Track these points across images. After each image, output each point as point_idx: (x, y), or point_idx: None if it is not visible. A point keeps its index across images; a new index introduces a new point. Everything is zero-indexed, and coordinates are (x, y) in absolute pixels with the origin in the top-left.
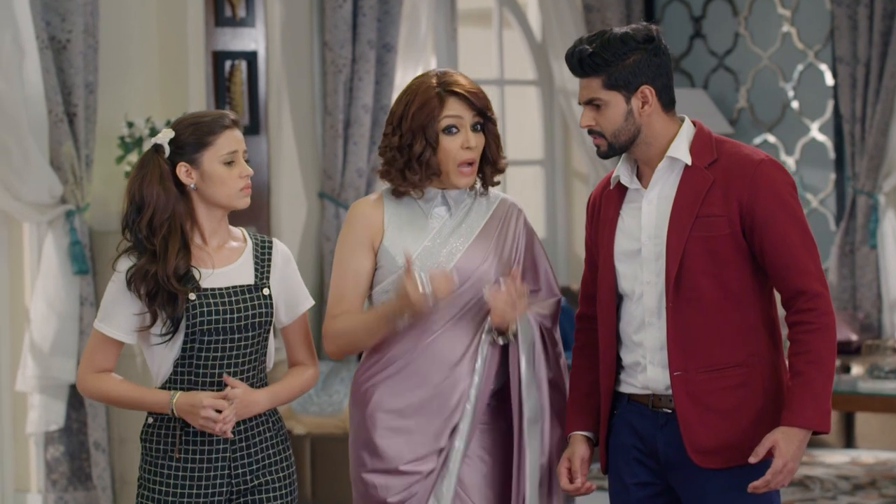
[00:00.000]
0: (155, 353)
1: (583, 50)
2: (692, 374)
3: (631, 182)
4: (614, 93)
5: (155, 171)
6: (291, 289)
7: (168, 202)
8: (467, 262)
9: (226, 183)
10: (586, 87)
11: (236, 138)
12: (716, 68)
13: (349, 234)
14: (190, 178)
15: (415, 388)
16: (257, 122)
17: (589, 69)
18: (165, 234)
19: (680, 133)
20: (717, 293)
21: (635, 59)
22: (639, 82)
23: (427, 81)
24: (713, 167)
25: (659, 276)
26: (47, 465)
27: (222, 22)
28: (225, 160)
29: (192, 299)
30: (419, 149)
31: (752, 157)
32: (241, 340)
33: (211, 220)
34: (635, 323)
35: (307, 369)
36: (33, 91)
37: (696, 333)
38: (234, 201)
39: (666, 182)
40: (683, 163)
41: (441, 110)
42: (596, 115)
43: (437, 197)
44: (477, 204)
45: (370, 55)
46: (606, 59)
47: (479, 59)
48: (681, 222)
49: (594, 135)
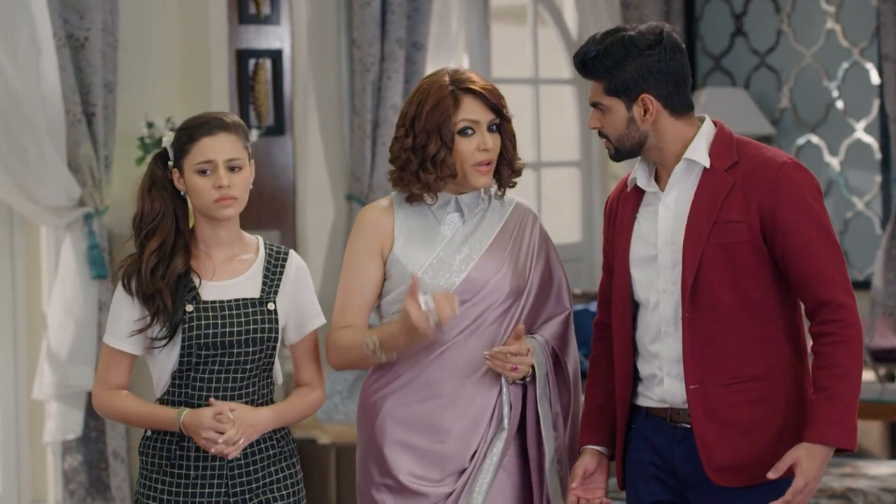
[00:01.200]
0: (156, 362)
1: (586, 52)
2: (709, 388)
3: (648, 185)
4: (615, 99)
5: (147, 178)
6: (302, 305)
7: (154, 209)
8: (481, 272)
9: (199, 194)
10: (592, 88)
11: (214, 147)
12: (757, 67)
13: (358, 241)
14: (180, 184)
15: (425, 400)
16: (282, 123)
17: (590, 73)
18: (149, 232)
19: (698, 134)
20: (736, 303)
21: (636, 66)
22: (639, 91)
23: (439, 80)
24: (733, 170)
25: (675, 284)
26: (65, 475)
27: (246, 19)
28: (198, 170)
29: (190, 311)
30: (434, 149)
31: (775, 160)
32: (241, 356)
33: (207, 227)
34: (651, 333)
35: (312, 391)
36: (50, 90)
37: (714, 345)
38: (212, 212)
39: (684, 185)
40: (702, 165)
41: (456, 110)
42: (601, 117)
43: (450, 202)
44: (491, 209)
45: (399, 54)
46: (607, 65)
47: (512, 57)
48: (698, 228)
49: (602, 137)
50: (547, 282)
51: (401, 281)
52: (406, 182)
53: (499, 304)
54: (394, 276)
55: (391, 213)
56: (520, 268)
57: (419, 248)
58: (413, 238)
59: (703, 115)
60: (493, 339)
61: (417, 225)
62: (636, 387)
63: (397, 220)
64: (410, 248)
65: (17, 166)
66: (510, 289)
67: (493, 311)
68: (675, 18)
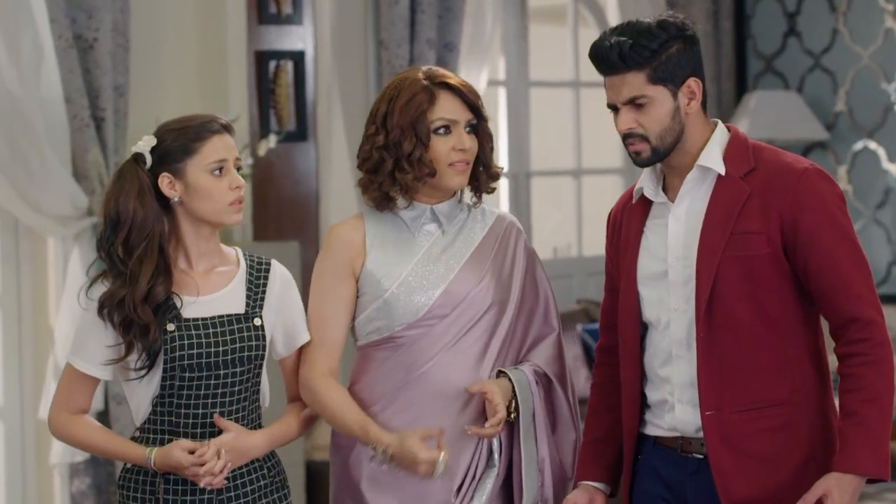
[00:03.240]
0: (133, 390)
1: (622, 42)
2: (726, 414)
3: (656, 195)
4: (660, 87)
5: (133, 184)
6: (290, 318)
7: (147, 219)
8: (460, 285)
9: (213, 196)
10: (627, 83)
11: (226, 145)
12: (811, 69)
13: (325, 263)
14: (173, 190)
15: (408, 424)
16: (305, 128)
17: (632, 62)
18: (141, 255)
19: (712, 139)
20: (755, 321)
21: (678, 48)
22: (685, 74)
23: (412, 76)
24: (750, 177)
25: (688, 301)
26: (72, 498)
27: (266, 19)
28: (212, 169)
29: (171, 330)
30: (409, 147)
31: (795, 166)
32: (227, 377)
33: (198, 239)
34: (661, 356)
35: (306, 407)
36: (52, 94)
37: (731, 367)
38: (223, 217)
39: (696, 195)
40: (716, 172)
41: (431, 106)
42: (638, 115)
43: (425, 213)
44: (471, 220)
45: (430, 55)
46: (652, 49)
47: (552, 59)
48: (713, 240)
49: (634, 139)
50: (533, 297)
51: (374, 297)
52: (379, 185)
53: (480, 318)
54: (367, 293)
55: (361, 226)
56: (503, 280)
57: (394, 260)
58: (387, 250)
59: (716, 120)
60: (475, 358)
61: (392, 236)
62: (643, 414)
63: (369, 232)
64: (384, 261)
65: (19, 173)
66: (492, 300)
67: (475, 328)
68: (724, 18)
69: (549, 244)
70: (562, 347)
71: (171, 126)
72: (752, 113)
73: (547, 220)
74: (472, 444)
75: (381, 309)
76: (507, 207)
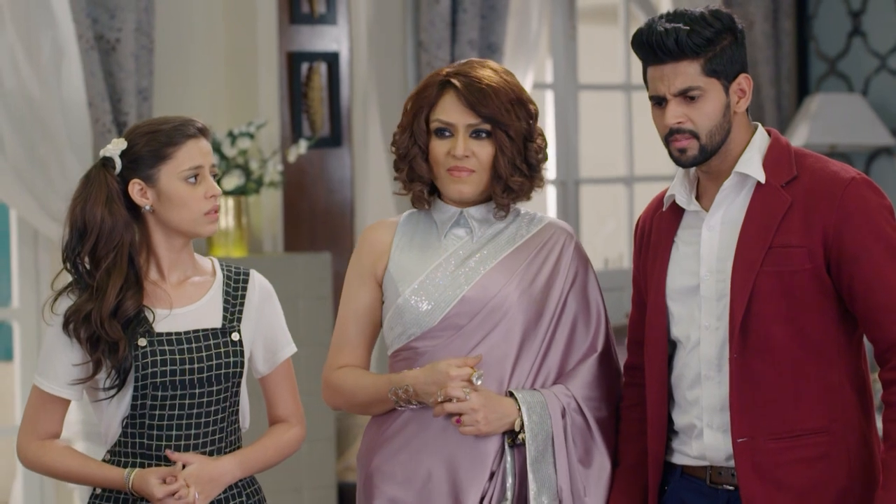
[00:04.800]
0: (102, 411)
1: (678, 28)
2: (760, 442)
3: (689, 203)
4: (714, 81)
5: (101, 190)
6: (271, 332)
7: (115, 227)
8: (481, 292)
9: (187, 205)
10: (680, 73)
11: (202, 151)
12: (877, 70)
13: (352, 265)
14: (145, 198)
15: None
16: (339, 133)
17: (688, 50)
18: (109, 267)
19: (752, 143)
20: (794, 343)
21: (730, 40)
22: (736, 69)
23: (441, 70)
24: (792, 186)
25: (721, 319)
26: None
27: (299, 19)
28: (186, 177)
29: (143, 346)
30: (403, 144)
31: (840, 175)
32: (203, 396)
33: (170, 249)
34: (690, 377)
35: (289, 429)
36: (73, 97)
37: (766, 392)
38: (198, 227)
39: (732, 203)
40: (755, 180)
41: (435, 105)
42: (689, 109)
43: (455, 216)
44: (514, 225)
45: (471, 56)
46: (709, 37)
47: (602, 61)
48: (750, 253)
49: (682, 135)
50: (578, 310)
51: (391, 302)
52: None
53: (505, 331)
54: (388, 297)
55: (393, 227)
56: (536, 290)
57: (414, 263)
58: (411, 253)
59: (756, 123)
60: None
61: (419, 239)
62: (670, 441)
63: (398, 234)
64: (405, 263)
65: (37, 181)
66: (517, 311)
67: (500, 342)
68: (784, 17)
69: (600, 255)
70: (605, 369)
71: (143, 129)
72: (813, 117)
73: (597, 229)
74: (484, 474)
75: (395, 316)
76: (554, 216)
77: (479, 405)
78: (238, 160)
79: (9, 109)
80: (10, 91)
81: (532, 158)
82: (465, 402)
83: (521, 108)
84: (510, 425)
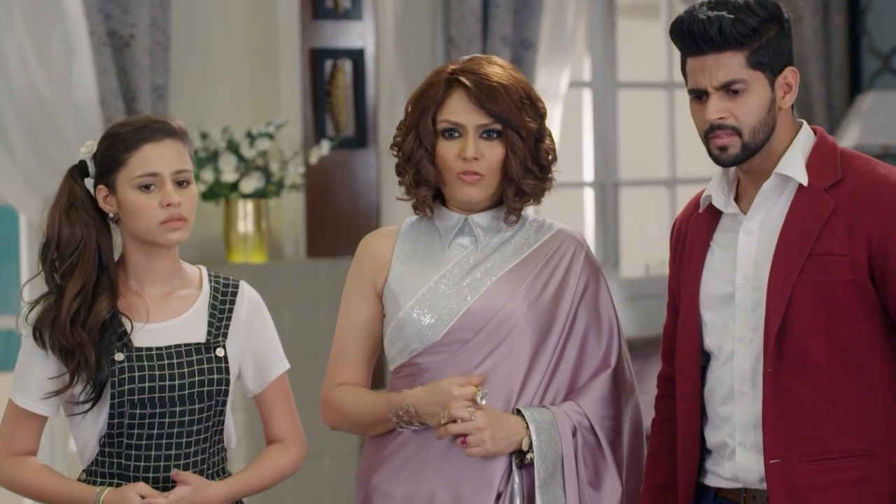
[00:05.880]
0: (77, 427)
1: (722, 16)
2: (795, 464)
3: (727, 205)
4: (759, 74)
5: (62, 196)
6: (260, 347)
7: (73, 235)
8: (486, 304)
9: (141, 214)
10: (723, 65)
11: (160, 156)
12: None
13: (350, 277)
14: (109, 205)
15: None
16: (364, 133)
17: (733, 40)
18: (67, 270)
19: (795, 143)
20: (833, 358)
21: (776, 31)
22: (782, 62)
23: (446, 67)
24: (836, 190)
25: (756, 331)
26: None
27: (322, 14)
28: (138, 184)
29: (120, 360)
30: (409, 146)
31: (889, 179)
32: (185, 415)
33: (146, 258)
34: (722, 391)
35: (286, 451)
36: (85, 96)
37: (803, 410)
38: (156, 237)
39: (773, 206)
40: (797, 182)
41: (442, 105)
42: (731, 104)
43: (459, 223)
44: (522, 233)
45: (504, 54)
46: (754, 26)
47: (642, 58)
48: (788, 261)
49: (723, 131)
50: (589, 322)
51: (392, 316)
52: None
53: (513, 346)
54: (388, 311)
55: (394, 237)
56: (544, 302)
57: (416, 275)
58: (412, 264)
59: (801, 120)
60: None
61: (422, 249)
62: (703, 461)
63: (399, 244)
64: (406, 276)
65: (46, 183)
66: (525, 325)
67: (507, 357)
68: (835, 11)
69: (641, 261)
70: (619, 386)
71: (109, 130)
72: (865, 116)
73: (638, 234)
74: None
75: (396, 330)
76: (592, 220)
77: (484, 424)
78: (258, 162)
79: (17, 109)
80: (19, 90)
81: (543, 160)
82: (470, 422)
83: (531, 107)
84: (518, 444)
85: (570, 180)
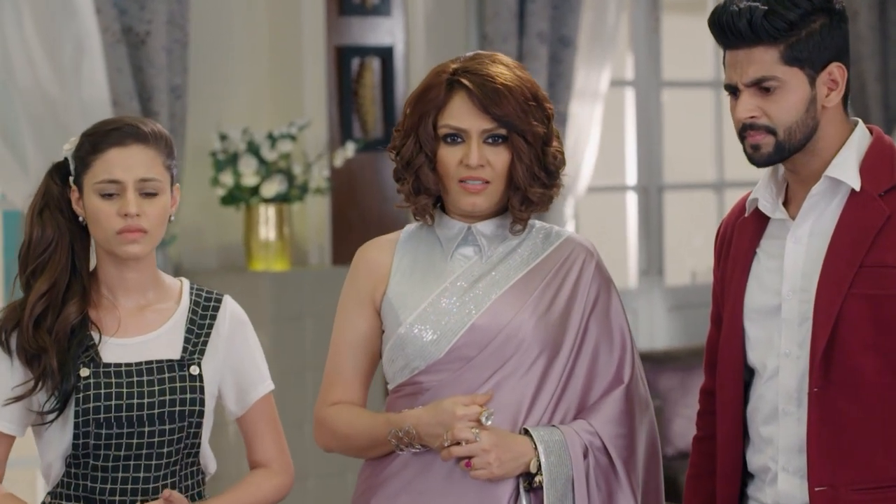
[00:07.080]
0: (44, 444)
1: (754, 8)
2: (842, 492)
3: (774, 209)
4: (796, 70)
5: (38, 196)
6: (241, 366)
7: (45, 235)
8: (492, 319)
9: (98, 221)
10: (755, 60)
11: (125, 162)
12: None
13: (347, 290)
14: (80, 207)
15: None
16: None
17: (764, 34)
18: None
19: (848, 143)
20: (884, 378)
21: (822, 24)
22: (827, 57)
23: (446, 66)
24: (892, 196)
25: (803, 347)
26: None
27: (349, 10)
28: (99, 190)
29: (85, 376)
30: (408, 152)
31: None
32: (154, 436)
33: (115, 268)
34: (765, 410)
35: (272, 477)
36: (96, 95)
37: (851, 433)
38: (113, 247)
39: (823, 212)
40: (849, 187)
41: (443, 108)
42: (763, 101)
43: (462, 232)
44: (524, 244)
45: (541, 51)
46: (790, 20)
47: (688, 55)
48: (837, 272)
49: (756, 130)
50: (600, 337)
51: (391, 332)
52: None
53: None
54: (387, 326)
55: (392, 247)
56: (553, 316)
57: (417, 288)
58: (413, 276)
59: (856, 119)
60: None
61: (423, 260)
62: (745, 485)
63: (398, 254)
64: (406, 288)
65: None
66: (534, 341)
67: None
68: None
69: (686, 268)
70: (632, 403)
71: (90, 129)
72: None
73: (683, 240)
74: None
75: (396, 347)
76: (635, 225)
77: (490, 445)
78: (279, 164)
79: (26, 110)
80: (27, 89)
81: (550, 165)
82: (475, 444)
83: (538, 109)
84: (525, 466)
85: (612, 184)
